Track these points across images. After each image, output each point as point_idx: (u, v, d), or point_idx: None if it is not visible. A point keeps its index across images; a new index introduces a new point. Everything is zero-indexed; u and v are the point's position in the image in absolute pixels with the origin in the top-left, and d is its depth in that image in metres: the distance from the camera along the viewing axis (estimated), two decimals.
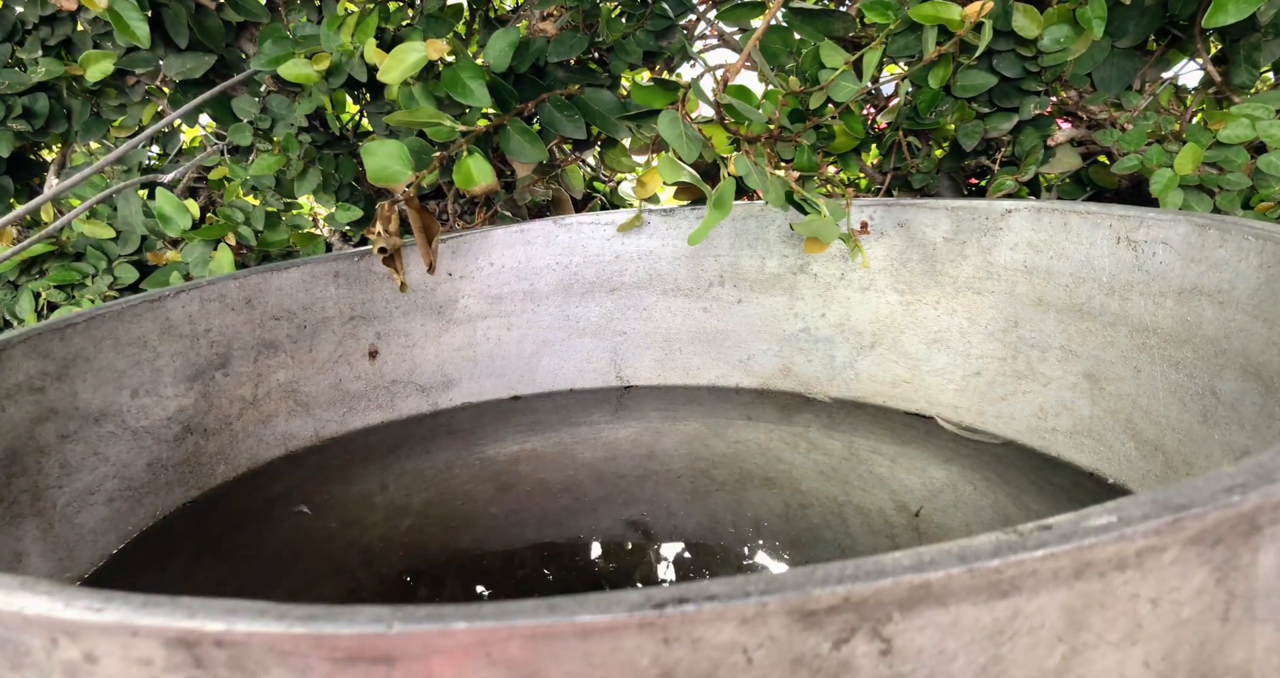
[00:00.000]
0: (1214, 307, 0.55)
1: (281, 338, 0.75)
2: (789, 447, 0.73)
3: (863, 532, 0.59)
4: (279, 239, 0.94)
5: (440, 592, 0.56)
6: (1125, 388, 0.62)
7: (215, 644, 0.21)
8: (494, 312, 0.86)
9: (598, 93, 0.86)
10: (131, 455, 0.64)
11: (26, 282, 0.99)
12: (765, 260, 0.84)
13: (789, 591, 0.21)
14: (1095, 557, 0.22)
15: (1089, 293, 0.65)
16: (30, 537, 0.55)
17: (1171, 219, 0.59)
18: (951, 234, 0.74)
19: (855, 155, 0.92)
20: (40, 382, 0.57)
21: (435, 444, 0.78)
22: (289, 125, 0.92)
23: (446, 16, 0.89)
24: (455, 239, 0.83)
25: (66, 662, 0.23)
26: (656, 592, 0.21)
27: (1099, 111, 0.83)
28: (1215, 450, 0.54)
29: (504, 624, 0.21)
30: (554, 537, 0.61)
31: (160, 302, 0.66)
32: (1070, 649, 0.23)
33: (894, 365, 0.79)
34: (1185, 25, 0.79)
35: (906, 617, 0.22)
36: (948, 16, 0.72)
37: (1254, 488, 0.23)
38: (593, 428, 0.80)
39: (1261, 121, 0.70)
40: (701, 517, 0.63)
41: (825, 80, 0.77)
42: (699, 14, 0.97)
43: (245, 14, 0.92)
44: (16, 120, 0.96)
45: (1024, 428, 0.70)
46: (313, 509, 0.66)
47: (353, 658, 0.21)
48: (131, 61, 0.93)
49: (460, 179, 0.75)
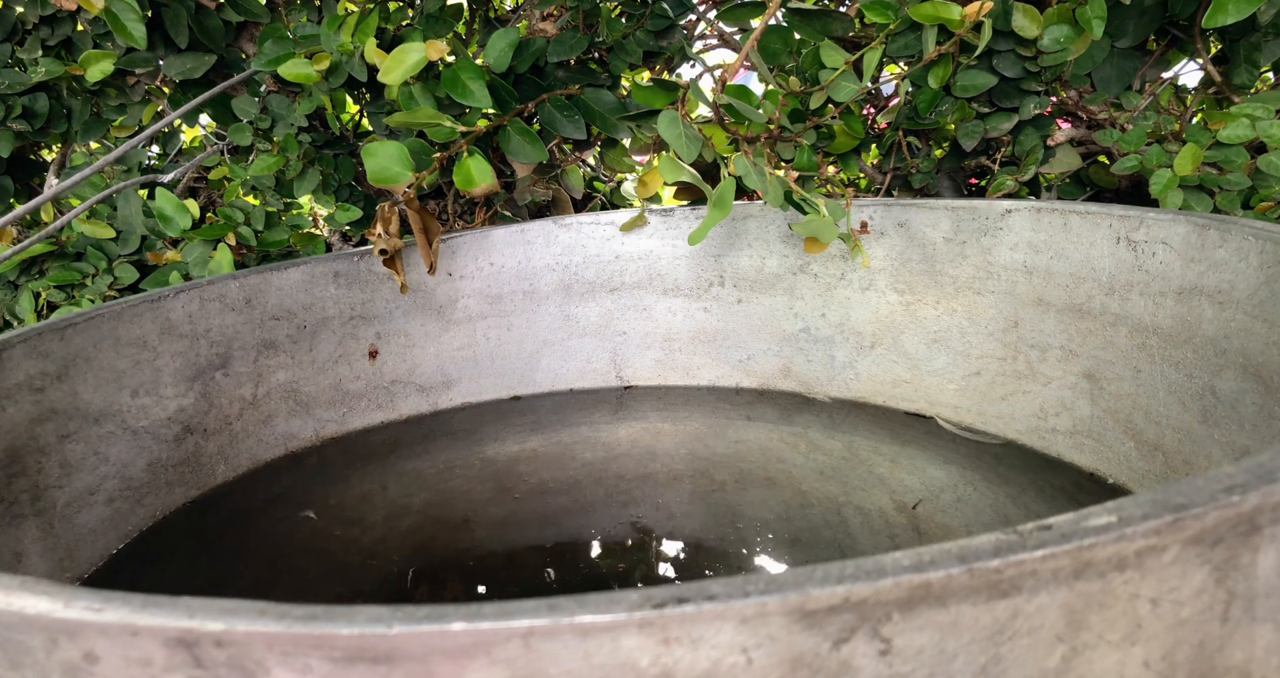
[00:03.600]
0: (1214, 307, 0.55)
1: (281, 338, 0.75)
2: (789, 447, 0.73)
3: (863, 532, 0.59)
4: (279, 239, 0.94)
5: (440, 592, 0.56)
6: (1125, 388, 0.62)
7: (215, 644, 0.21)
8: (494, 312, 0.86)
9: (598, 93, 0.86)
10: (131, 455, 0.64)
11: (26, 282, 0.99)
12: (765, 260, 0.84)
13: (789, 591, 0.21)
14: (1095, 557, 0.22)
15: (1089, 293, 0.65)
16: (30, 537, 0.55)
17: (1171, 219, 0.59)
18: (951, 234, 0.74)
19: (855, 155, 0.92)
20: (40, 382, 0.57)
21: (435, 444, 0.78)
22: (289, 125, 0.92)
23: (446, 16, 0.89)
24: (455, 239, 0.83)
25: (66, 662, 0.23)
26: (656, 592, 0.21)
27: (1099, 111, 0.83)
28: (1215, 450, 0.54)
29: (504, 624, 0.21)
30: (554, 537, 0.61)
31: (160, 302, 0.66)
32: (1070, 649, 0.23)
33: (894, 365, 0.79)
34: (1185, 25, 0.79)
35: (906, 617, 0.22)
36: (948, 16, 0.72)
37: (1254, 488, 0.23)
38: (593, 428, 0.79)
39: (1261, 121, 0.70)
40: (701, 517, 0.63)
41: (825, 80, 0.77)
42: (699, 14, 0.97)
43: (245, 14, 0.92)
44: (16, 120, 0.96)
45: (1024, 428, 0.70)
46: (313, 509, 0.66)
47: (353, 658, 0.21)
48: (131, 61, 0.93)
49: (460, 180, 0.75)
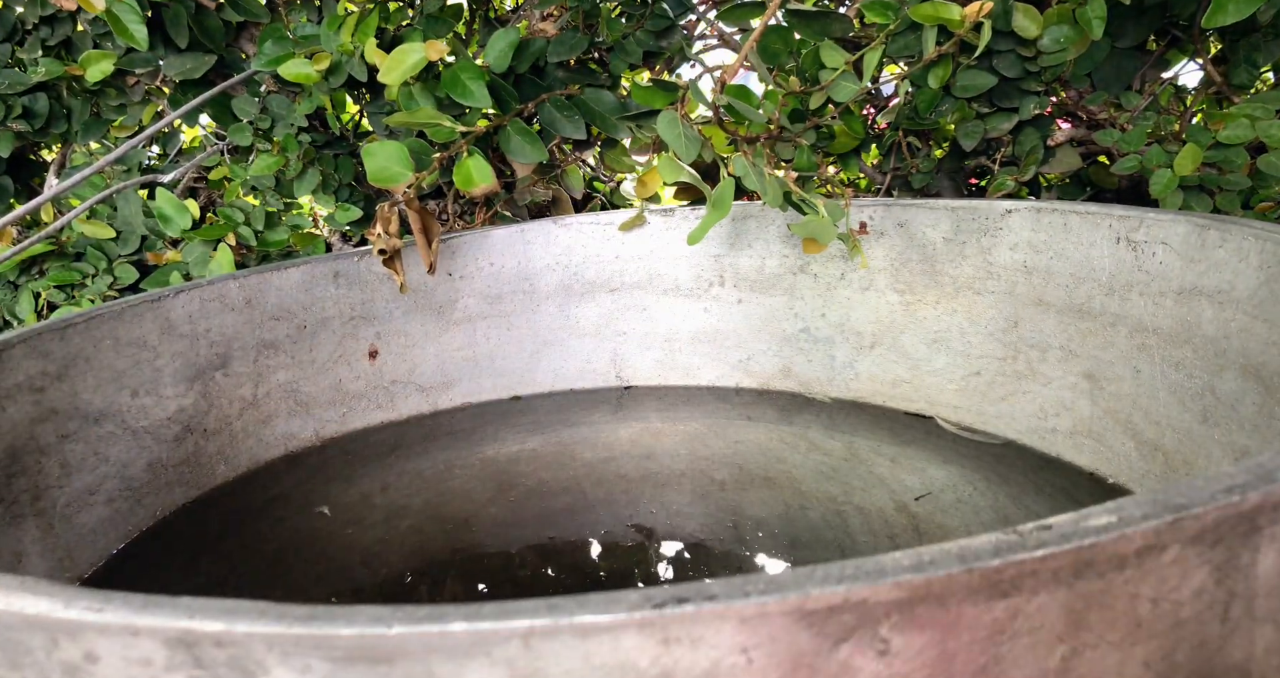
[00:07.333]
0: (1214, 307, 0.55)
1: (281, 338, 0.75)
2: (789, 447, 0.73)
3: (863, 532, 0.59)
4: (279, 239, 0.94)
5: (440, 592, 0.56)
6: (1125, 388, 0.62)
7: (215, 644, 0.21)
8: (494, 312, 0.86)
9: (598, 93, 0.86)
10: (131, 455, 0.64)
11: (26, 282, 0.99)
12: (765, 260, 0.84)
13: (789, 591, 0.21)
14: (1095, 557, 0.22)
15: (1089, 293, 0.65)
16: (30, 537, 0.55)
17: (1171, 219, 0.59)
18: (951, 234, 0.74)
19: (855, 155, 0.92)
20: (40, 382, 0.57)
21: (435, 444, 0.78)
22: (289, 125, 0.92)
23: (446, 17, 0.89)
24: (455, 239, 0.83)
25: (66, 662, 0.23)
26: (656, 592, 0.21)
27: (1099, 111, 0.83)
28: (1215, 450, 0.54)
29: (504, 624, 0.21)
30: (554, 537, 0.61)
31: (160, 302, 0.66)
32: (1070, 649, 0.23)
33: (894, 365, 0.79)
34: (1185, 25, 0.79)
35: (906, 617, 0.22)
36: (948, 16, 0.72)
37: (1254, 488, 0.23)
38: (593, 428, 0.79)
39: (1261, 122, 0.70)
40: (701, 517, 0.63)
41: (825, 80, 0.77)
42: (699, 14, 0.97)
43: (245, 14, 0.92)
44: (16, 120, 0.96)
45: (1024, 428, 0.70)
46: (314, 509, 0.66)
47: (353, 658, 0.21)
48: (131, 62, 0.93)
49: (460, 180, 0.75)
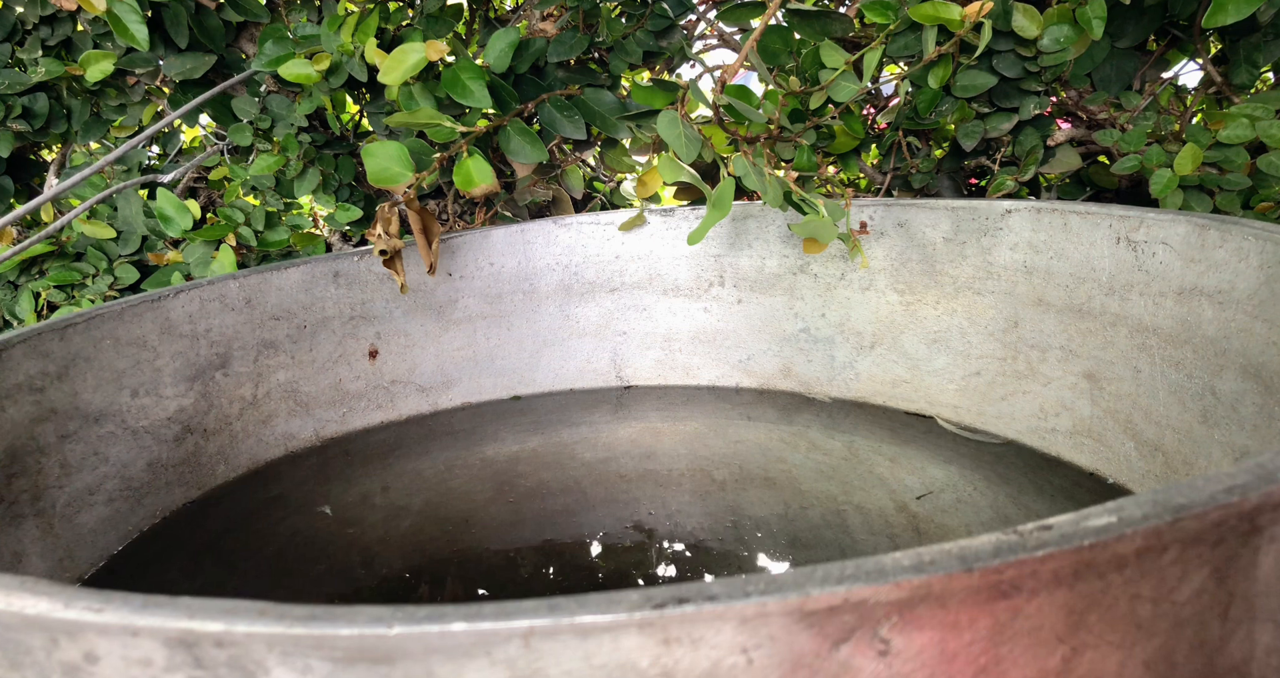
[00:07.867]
0: (1214, 307, 0.55)
1: (281, 338, 0.75)
2: (789, 447, 0.73)
3: (863, 532, 0.59)
4: (279, 239, 0.94)
5: (440, 592, 0.56)
6: (1125, 388, 0.62)
7: (215, 644, 0.21)
8: (494, 312, 0.86)
9: (598, 93, 0.86)
10: (131, 455, 0.64)
11: (26, 282, 0.99)
12: (765, 260, 0.84)
13: (789, 591, 0.21)
14: (1095, 557, 0.22)
15: (1089, 293, 0.65)
16: (30, 537, 0.55)
17: (1171, 219, 0.59)
18: (951, 234, 0.74)
19: (855, 155, 0.92)
20: (40, 382, 0.57)
21: (435, 444, 0.78)
22: (289, 125, 0.92)
23: (446, 17, 0.89)
24: (455, 239, 0.83)
25: (66, 662, 0.23)
26: (656, 592, 0.21)
27: (1099, 111, 0.83)
28: (1215, 450, 0.54)
29: (504, 624, 0.21)
30: (554, 537, 0.61)
31: (160, 302, 0.66)
32: (1070, 650, 0.23)
33: (894, 365, 0.79)
34: (1185, 25, 0.79)
35: (906, 617, 0.22)
36: (948, 16, 0.72)
37: (1254, 488, 0.23)
38: (593, 428, 0.79)
39: (1261, 122, 0.70)
40: (701, 517, 0.63)
41: (825, 80, 0.77)
42: (699, 14, 0.97)
43: (245, 14, 0.92)
44: (16, 120, 0.96)
45: (1024, 428, 0.70)
46: (314, 509, 0.66)
47: (353, 658, 0.21)
48: (131, 62, 0.93)
49: (460, 180, 0.75)
